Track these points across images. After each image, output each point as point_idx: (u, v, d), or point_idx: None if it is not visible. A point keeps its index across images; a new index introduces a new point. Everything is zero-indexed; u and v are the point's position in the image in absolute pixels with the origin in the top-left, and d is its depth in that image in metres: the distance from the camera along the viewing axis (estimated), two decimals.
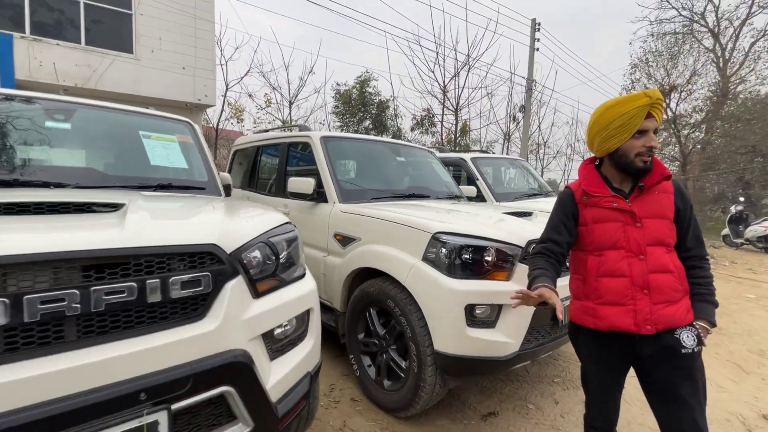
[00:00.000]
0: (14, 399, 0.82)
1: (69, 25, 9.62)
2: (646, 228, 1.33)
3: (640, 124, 1.30)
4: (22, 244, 0.90)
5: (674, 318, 1.29)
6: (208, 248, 1.17)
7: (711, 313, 1.32)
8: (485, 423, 2.17)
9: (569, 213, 1.44)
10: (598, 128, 1.37)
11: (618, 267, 1.34)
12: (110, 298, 0.97)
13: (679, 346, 1.27)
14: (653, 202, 1.35)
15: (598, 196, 1.38)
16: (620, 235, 1.34)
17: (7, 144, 1.88)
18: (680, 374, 1.28)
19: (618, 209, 1.35)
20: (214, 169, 2.54)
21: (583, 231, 1.42)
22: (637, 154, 1.32)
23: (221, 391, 1.11)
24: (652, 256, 1.32)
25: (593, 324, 1.37)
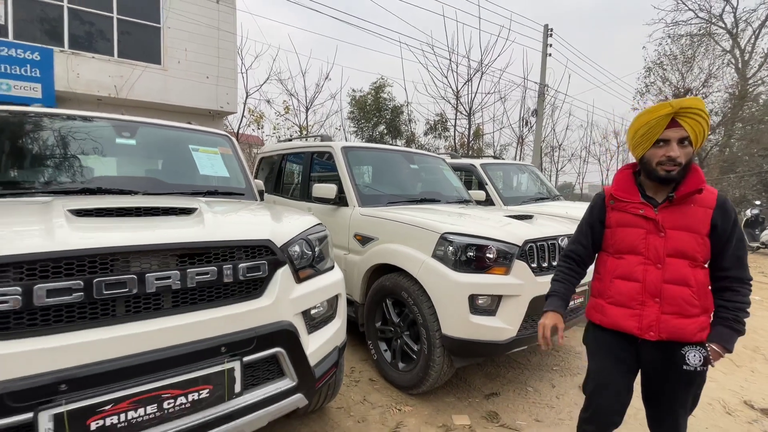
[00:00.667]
0: (143, 344, 1.17)
1: (103, 39, 10.27)
2: (670, 238, 1.34)
3: (660, 133, 1.30)
4: (140, 238, 1.26)
5: (683, 332, 1.30)
6: (265, 243, 1.52)
7: (728, 339, 1.30)
8: (487, 401, 2.47)
9: (596, 215, 1.51)
10: (629, 135, 1.42)
11: (633, 271, 1.38)
12: (199, 278, 1.32)
13: (681, 362, 1.30)
14: (684, 215, 1.34)
15: (626, 202, 1.42)
16: (641, 241, 1.37)
17: (86, 158, 2.28)
18: (678, 387, 1.34)
19: (643, 216, 1.37)
20: (250, 176, 2.91)
21: (608, 233, 1.48)
22: (658, 163, 1.32)
23: (275, 351, 1.45)
24: (671, 266, 1.33)
25: (599, 320, 1.46)
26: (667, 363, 1.34)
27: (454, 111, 13.42)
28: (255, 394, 1.40)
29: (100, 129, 2.44)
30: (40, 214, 1.34)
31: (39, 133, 2.23)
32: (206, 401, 1.25)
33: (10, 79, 9.10)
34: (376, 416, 2.25)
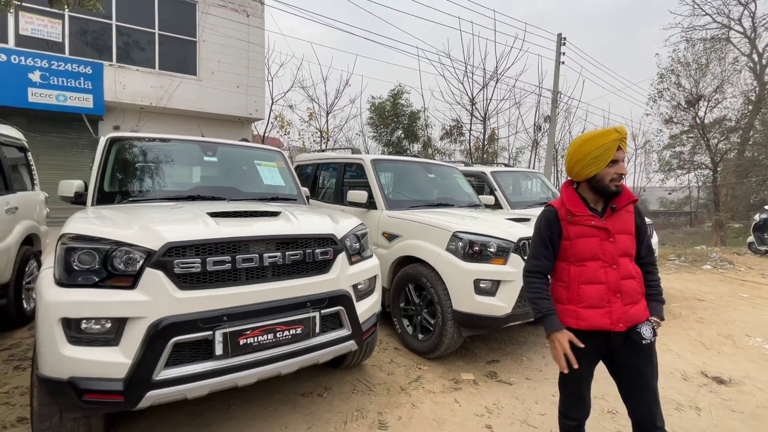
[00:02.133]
0: (263, 297, 1.88)
1: (146, 53, 11.22)
2: (618, 242, 1.56)
3: (613, 155, 1.52)
4: (257, 231, 1.97)
5: (638, 315, 1.56)
6: (330, 236, 2.22)
7: (661, 310, 1.62)
8: (489, 365, 3.11)
9: (554, 230, 1.62)
10: (577, 158, 1.57)
11: (597, 275, 1.55)
12: (292, 258, 2.02)
13: (640, 339, 1.54)
14: (621, 221, 1.60)
15: (580, 215, 1.58)
16: (598, 248, 1.56)
17: (187, 172, 3.04)
18: (643, 360, 1.57)
19: (595, 226, 1.57)
20: (299, 185, 3.63)
21: (566, 245, 1.61)
22: (610, 180, 1.54)
23: (338, 309, 2.14)
24: (622, 265, 1.56)
25: (576, 325, 1.56)
26: (629, 344, 1.56)
27: (469, 116, 14.02)
28: (326, 336, 2.11)
29: (191, 149, 3.20)
30: (191, 215, 2.07)
31: (155, 153, 3.00)
32: (300, 335, 1.96)
33: (66, 90, 10.12)
34: (402, 372, 2.93)
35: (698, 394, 2.79)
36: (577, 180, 1.66)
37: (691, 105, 14.36)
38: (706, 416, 2.51)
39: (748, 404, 2.67)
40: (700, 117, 14.53)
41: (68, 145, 10.50)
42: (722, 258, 9.01)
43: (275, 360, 1.88)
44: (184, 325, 1.67)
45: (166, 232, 1.78)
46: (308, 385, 2.64)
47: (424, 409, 2.44)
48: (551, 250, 1.65)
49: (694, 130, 15.75)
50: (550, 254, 1.65)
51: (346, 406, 2.42)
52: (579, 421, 1.72)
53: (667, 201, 27.18)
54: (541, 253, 1.66)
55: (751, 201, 17.50)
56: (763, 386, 2.95)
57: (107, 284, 1.65)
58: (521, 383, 2.84)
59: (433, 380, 2.81)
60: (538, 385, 2.81)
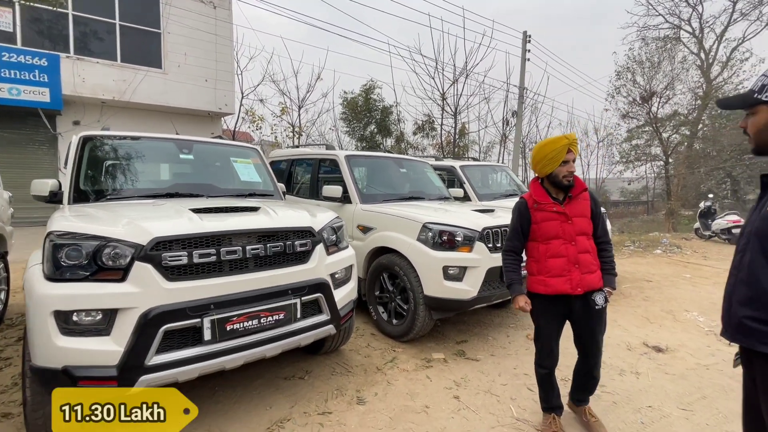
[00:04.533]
0: (246, 287, 2.03)
1: (106, 44, 10.75)
2: (575, 224, 1.99)
3: (563, 157, 1.94)
4: (239, 225, 2.11)
5: (592, 283, 1.98)
6: (308, 228, 2.37)
7: (613, 282, 2.05)
8: (458, 345, 3.38)
9: (525, 217, 2.07)
10: (537, 159, 2.02)
11: (559, 250, 1.98)
12: (273, 249, 2.17)
13: (593, 305, 1.97)
14: (578, 206, 2.02)
15: (544, 203, 2.02)
16: (559, 229, 1.99)
17: (164, 169, 3.10)
18: (595, 320, 2.02)
19: (556, 212, 2.00)
20: (275, 180, 3.74)
21: (535, 228, 2.05)
22: (563, 176, 1.97)
23: (317, 296, 2.31)
24: (579, 242, 1.98)
25: (544, 290, 2.01)
26: (586, 308, 2.00)
27: (440, 111, 14.33)
28: (307, 321, 2.27)
29: (167, 147, 3.25)
30: (175, 211, 2.17)
31: (132, 151, 3.03)
32: (282, 321, 2.12)
33: (20, 83, 9.59)
34: (378, 354, 3.14)
35: (639, 361, 3.16)
36: (541, 176, 2.10)
37: (645, 101, 15.33)
38: (643, 379, 2.87)
39: (679, 367, 3.06)
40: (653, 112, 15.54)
41: (24, 142, 9.97)
42: (672, 243, 9.79)
43: (260, 344, 2.03)
44: (173, 314, 1.79)
45: (153, 227, 1.88)
46: (290, 369, 2.80)
47: (398, 385, 2.66)
48: (522, 234, 2.10)
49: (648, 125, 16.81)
50: (521, 237, 2.11)
51: (326, 386, 2.60)
52: (549, 369, 2.15)
53: (627, 191, 28.83)
54: (514, 235, 2.13)
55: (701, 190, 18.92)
56: (694, 352, 3.37)
57: (97, 278, 1.74)
58: (486, 359, 3.11)
59: (406, 360, 3.04)
60: (502, 360, 3.10)
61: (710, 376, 2.91)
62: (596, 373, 2.15)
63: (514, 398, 2.54)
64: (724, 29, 16.23)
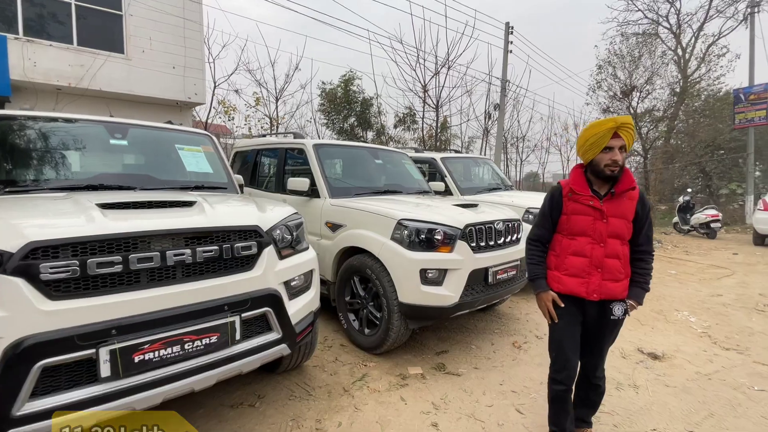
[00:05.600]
0: (167, 303, 1.58)
1: (61, 26, 9.89)
2: (610, 224, 1.71)
3: (606, 142, 1.65)
4: (160, 224, 1.65)
5: (614, 292, 1.73)
6: (254, 227, 1.93)
7: (640, 296, 1.77)
8: (438, 356, 3.01)
9: (556, 204, 1.82)
10: (581, 143, 1.76)
11: (583, 249, 1.74)
12: (205, 254, 1.72)
13: (610, 314, 1.73)
14: (620, 205, 1.72)
15: (580, 194, 1.75)
16: (589, 226, 1.73)
17: (87, 157, 2.58)
18: (607, 331, 1.79)
19: (592, 207, 1.73)
20: (231, 172, 3.27)
21: (563, 219, 1.80)
22: (605, 165, 1.68)
23: (264, 311, 1.88)
24: (609, 245, 1.71)
25: (557, 288, 1.80)
26: (601, 315, 1.76)
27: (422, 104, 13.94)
28: (251, 342, 1.84)
29: (94, 131, 2.73)
30: (74, 207, 1.70)
31: (45, 135, 2.51)
32: (215, 345, 1.68)
33: None
34: (346, 370, 2.73)
35: (636, 372, 2.86)
36: (585, 164, 1.81)
37: (625, 95, 15.32)
38: (643, 393, 2.56)
39: (679, 378, 2.78)
40: (633, 107, 15.57)
41: None
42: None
43: (184, 376, 1.59)
44: (55, 344, 1.34)
45: (31, 228, 1.41)
46: (239, 395, 2.37)
47: (367, 411, 2.26)
48: (551, 223, 1.85)
49: None
50: (549, 226, 1.86)
51: (280, 416, 2.18)
52: (566, 386, 1.83)
53: None
54: (542, 223, 1.88)
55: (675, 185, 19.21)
56: (692, 359, 3.10)
57: None
58: (469, 373, 2.75)
59: (378, 377, 2.65)
60: (486, 374, 2.74)
61: (714, 389, 2.64)
62: (596, 379, 1.91)
63: (501, 424, 2.18)
64: (700, 25, 16.40)
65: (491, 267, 2.98)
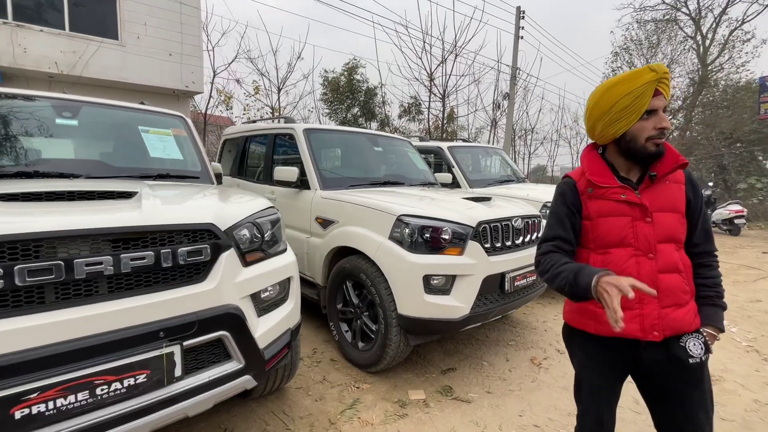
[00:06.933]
0: (73, 331, 1.15)
1: (52, 11, 9.50)
2: (657, 223, 1.17)
3: (648, 103, 1.12)
4: (69, 222, 1.22)
5: (682, 323, 1.16)
6: (207, 226, 1.49)
7: (719, 319, 1.18)
8: (444, 376, 2.57)
9: (572, 205, 1.26)
10: (599, 112, 1.19)
11: (625, 267, 1.17)
12: (134, 263, 1.29)
13: (686, 356, 1.12)
14: (665, 194, 1.19)
15: (605, 188, 1.20)
16: (628, 231, 1.18)
17: (23, 140, 2.15)
18: (687, 384, 1.16)
19: (626, 202, 1.18)
20: (206, 159, 2.83)
21: (587, 226, 1.24)
22: (648, 138, 1.14)
23: (219, 335, 1.45)
24: (662, 254, 1.16)
25: (594, 329, 1.22)
26: (670, 360, 1.15)
27: (428, 93, 13.37)
28: (199, 377, 1.41)
29: (37, 109, 2.29)
30: None
31: None
32: (143, 386, 1.25)
33: None
34: (335, 394, 2.30)
35: None
36: (602, 143, 1.26)
37: None
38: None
39: (736, 409, 2.31)
40: None
41: None
42: None
43: (97, 430, 1.16)
44: None
45: None
46: (201, 428, 1.95)
47: None
48: (570, 230, 1.25)
49: None
50: (569, 234, 1.25)
51: None
52: None
53: None
54: (556, 233, 1.26)
55: None
56: (744, 381, 2.63)
57: None
58: (481, 400, 2.31)
59: (372, 405, 2.21)
60: (502, 401, 2.30)
61: None
62: None
63: None
64: (723, 9, 15.55)
65: (508, 272, 2.52)
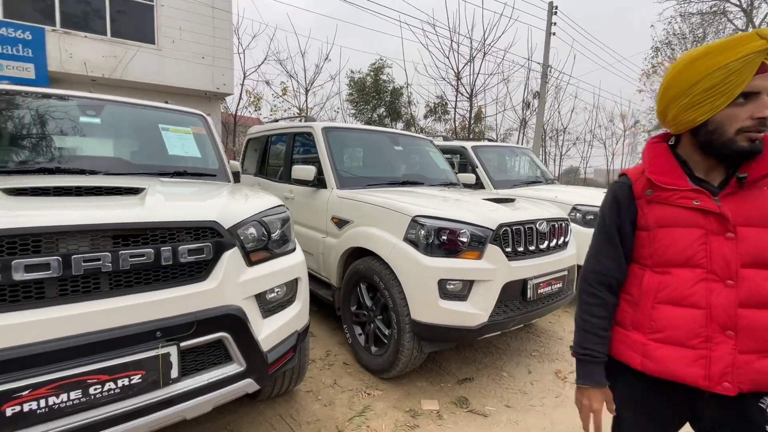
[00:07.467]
0: (67, 329, 1.13)
1: (95, 18, 10.04)
2: (743, 240, 0.90)
3: (747, 82, 0.85)
4: (69, 218, 1.20)
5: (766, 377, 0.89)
6: (210, 224, 1.45)
7: None
8: (460, 386, 2.44)
9: (624, 212, 1.04)
10: (676, 91, 0.94)
11: (691, 293, 0.93)
12: (134, 260, 1.26)
13: (763, 421, 0.88)
14: (758, 203, 0.91)
15: (671, 190, 0.96)
16: (699, 247, 0.93)
17: (48, 137, 2.22)
18: None
19: (700, 210, 0.93)
20: (224, 157, 2.83)
21: (643, 237, 1.02)
22: (740, 130, 0.88)
23: (219, 336, 1.40)
24: (748, 282, 0.89)
25: (641, 365, 0.99)
26: (741, 423, 0.91)
27: (454, 93, 13.14)
28: (198, 379, 1.37)
29: (63, 107, 2.36)
30: None
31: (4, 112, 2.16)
32: (138, 387, 1.21)
33: (3, 59, 8.95)
34: (345, 400, 2.23)
35: None
36: (675, 132, 1.00)
37: None
38: None
39: None
40: None
41: None
42: None
43: (89, 430, 1.14)
44: None
45: None
46: (207, 428, 1.92)
47: None
48: (620, 246, 1.05)
49: None
50: (618, 252, 1.05)
51: None
52: None
53: None
54: (604, 250, 1.06)
55: None
56: None
57: None
58: (499, 414, 2.17)
59: (383, 413, 2.12)
60: (522, 417, 2.15)
61: None
62: None
63: None
64: None
65: (531, 278, 2.36)
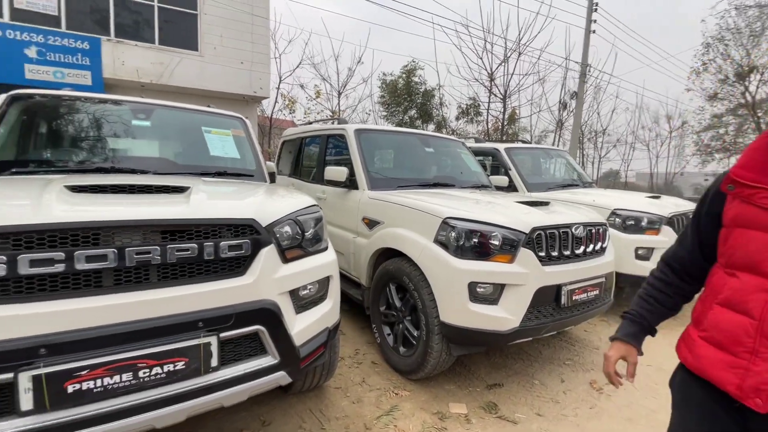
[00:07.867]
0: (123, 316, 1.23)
1: (145, 27, 10.69)
2: None
3: None
4: (124, 213, 1.30)
5: None
6: (248, 222, 1.52)
7: None
8: (489, 391, 2.40)
9: (709, 206, 1.01)
10: None
11: (746, 300, 0.87)
12: (179, 254, 1.35)
13: None
14: None
15: (753, 187, 0.87)
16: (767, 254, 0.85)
17: (103, 139, 2.40)
18: None
19: None
20: (261, 159, 2.95)
21: (723, 234, 0.96)
22: None
23: (255, 329, 1.47)
24: None
25: (683, 357, 1.02)
26: None
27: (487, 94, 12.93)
28: (235, 369, 1.44)
29: (117, 111, 2.55)
30: (36, 189, 1.42)
31: (61, 114, 2.37)
32: (182, 373, 1.29)
33: (64, 67, 9.70)
34: (372, 398, 2.26)
35: None
36: None
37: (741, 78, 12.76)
38: None
39: None
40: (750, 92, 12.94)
41: None
42: None
43: (137, 411, 1.23)
44: None
45: None
46: (242, 417, 2.01)
47: None
48: (696, 236, 1.06)
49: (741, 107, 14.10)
50: (691, 240, 1.07)
51: None
52: None
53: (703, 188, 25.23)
54: (683, 236, 1.12)
55: None
56: None
57: None
58: (530, 422, 2.12)
59: (410, 414, 2.13)
60: (553, 427, 2.09)
61: None
62: None
63: None
64: None
65: (565, 284, 2.29)
